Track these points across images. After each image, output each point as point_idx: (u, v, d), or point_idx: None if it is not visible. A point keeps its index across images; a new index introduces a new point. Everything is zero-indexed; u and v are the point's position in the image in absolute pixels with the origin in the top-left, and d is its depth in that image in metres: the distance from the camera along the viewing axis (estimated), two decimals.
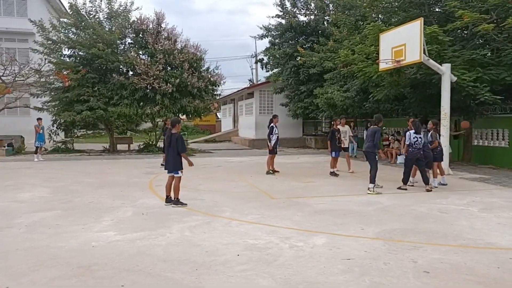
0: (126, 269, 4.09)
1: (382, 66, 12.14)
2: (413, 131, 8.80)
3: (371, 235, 5.31)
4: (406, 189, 8.79)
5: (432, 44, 11.52)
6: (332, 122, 12.62)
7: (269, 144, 11.60)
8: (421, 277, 3.89)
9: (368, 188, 8.47)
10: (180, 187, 7.25)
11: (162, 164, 13.60)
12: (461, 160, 14.40)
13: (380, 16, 16.57)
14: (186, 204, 7.13)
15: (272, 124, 11.59)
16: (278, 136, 11.78)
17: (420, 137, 8.76)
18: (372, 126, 8.85)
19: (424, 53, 10.87)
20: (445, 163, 11.38)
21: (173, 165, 7.13)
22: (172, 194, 7.24)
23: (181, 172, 7.18)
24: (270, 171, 11.59)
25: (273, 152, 11.68)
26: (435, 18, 13.88)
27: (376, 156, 8.58)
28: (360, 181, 10.11)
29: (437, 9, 14.78)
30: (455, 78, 11.36)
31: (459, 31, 13.64)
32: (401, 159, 14.59)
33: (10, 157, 17.51)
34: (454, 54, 11.88)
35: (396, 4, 15.17)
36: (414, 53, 10.79)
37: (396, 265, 4.20)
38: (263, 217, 6.31)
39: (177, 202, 7.18)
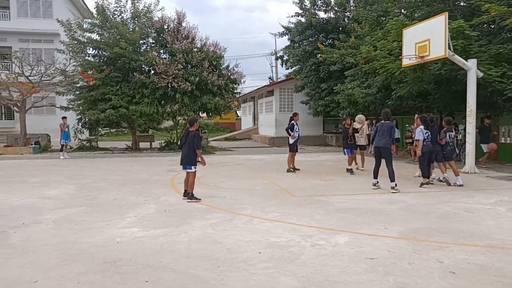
0: (150, 265, 4.15)
1: (405, 62, 11.92)
2: (423, 126, 8.92)
3: (395, 234, 5.22)
4: (432, 183, 8.93)
5: (457, 39, 11.23)
6: (343, 122, 12.56)
7: (290, 138, 11.56)
8: (447, 278, 3.80)
9: (392, 188, 8.25)
10: (201, 184, 7.33)
11: None
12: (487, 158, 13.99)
13: (402, 11, 16.25)
14: (200, 199, 7.36)
15: (292, 122, 11.55)
16: (299, 134, 11.74)
17: (428, 132, 8.98)
18: (384, 122, 8.59)
19: (449, 48, 10.61)
20: (471, 161, 11.10)
21: (188, 161, 7.42)
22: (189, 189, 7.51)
23: (195, 168, 7.45)
24: (291, 169, 11.55)
25: (293, 150, 11.64)
26: (460, 12, 13.52)
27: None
28: (381, 180, 9.96)
29: (462, 3, 14.38)
30: (481, 74, 11.05)
31: (485, 25, 13.24)
32: None
33: (37, 154, 18.05)
34: (480, 49, 11.55)
35: None
36: (438, 48, 10.55)
37: (421, 265, 4.12)
38: (284, 215, 6.30)
39: (191, 197, 7.43)
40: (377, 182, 8.67)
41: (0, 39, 27.51)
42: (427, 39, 10.96)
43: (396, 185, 8.28)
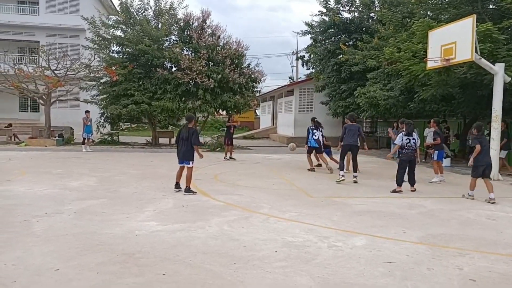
0: (167, 259, 4.21)
1: (430, 64, 11.69)
2: (404, 132, 8.87)
3: (414, 239, 5.14)
4: (401, 191, 8.48)
5: (484, 42, 10.93)
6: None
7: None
8: (467, 285, 3.72)
9: (354, 177, 9.68)
10: (219, 182, 7.38)
11: (225, 158, 14.42)
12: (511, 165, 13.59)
13: (428, 13, 15.92)
14: (195, 193, 7.78)
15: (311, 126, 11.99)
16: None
17: (413, 139, 8.71)
18: (351, 124, 10.13)
19: (476, 51, 10.35)
20: (494, 168, 10.81)
21: (187, 156, 7.80)
22: (184, 182, 7.80)
23: (192, 163, 7.84)
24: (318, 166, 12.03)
25: (320, 151, 11.93)
26: (488, 15, 13.16)
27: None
28: (388, 183, 9.81)
29: (491, 6, 14.00)
30: (509, 79, 10.75)
31: None
32: (446, 162, 14.01)
33: (60, 147, 18.50)
34: (509, 53, 11.21)
35: (446, 0, 14.51)
36: (465, 51, 10.31)
37: (440, 271, 4.04)
38: (301, 215, 6.28)
39: (188, 190, 7.76)
40: (344, 173, 9.70)
41: (29, 33, 28.33)
42: (453, 41, 10.72)
43: (356, 177, 9.68)
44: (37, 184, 8.42)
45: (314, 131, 11.76)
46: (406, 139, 8.68)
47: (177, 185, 8.00)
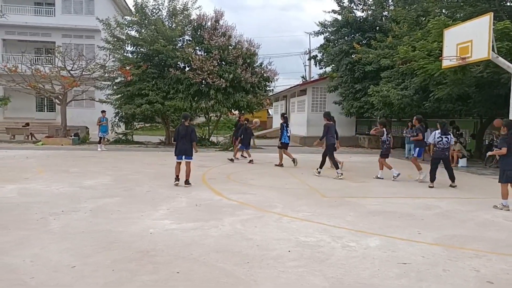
0: (181, 257, 4.24)
1: (446, 63, 11.53)
2: (438, 131, 9.10)
3: (430, 240, 5.07)
4: (432, 187, 9.04)
5: (502, 40, 10.74)
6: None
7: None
8: (484, 287, 3.67)
9: (318, 171, 10.59)
10: (232, 181, 7.43)
11: (230, 159, 13.81)
12: None
13: (444, 11, 15.70)
14: (191, 184, 8.48)
15: (281, 122, 12.20)
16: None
17: (446, 138, 9.00)
18: (330, 122, 10.67)
19: (493, 50, 10.16)
20: None
21: (190, 152, 8.59)
22: (184, 176, 8.53)
23: (191, 158, 8.62)
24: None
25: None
26: (505, 13, 12.91)
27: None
28: (417, 184, 9.71)
29: (508, 3, 13.75)
30: None
31: None
32: (462, 162, 13.80)
33: (76, 146, 18.79)
34: None
35: None
36: (481, 50, 10.14)
37: (456, 273, 3.98)
38: (314, 215, 6.26)
39: (188, 182, 8.50)
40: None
41: (45, 34, 28.84)
42: (469, 40, 10.55)
43: (319, 170, 10.54)
44: (54, 183, 8.57)
45: (287, 128, 12.20)
46: (438, 138, 8.95)
47: (177, 178, 8.60)
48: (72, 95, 20.79)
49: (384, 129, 10.50)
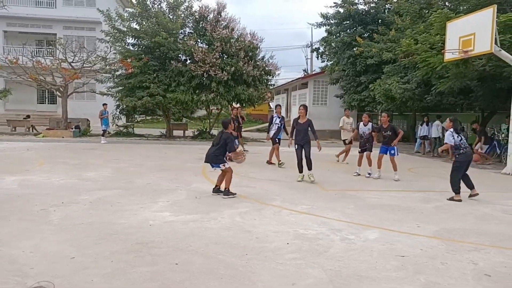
0: (180, 248, 4.25)
1: (448, 56, 11.45)
2: (451, 129, 7.32)
3: (428, 233, 5.07)
4: (460, 200, 7.10)
5: (505, 33, 10.66)
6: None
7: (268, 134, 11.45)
8: (482, 280, 3.67)
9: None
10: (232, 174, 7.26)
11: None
12: None
13: (447, 3, 15.57)
14: (235, 194, 6.93)
15: (273, 114, 11.44)
16: (279, 127, 11.34)
17: (462, 136, 7.37)
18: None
19: (496, 43, 10.09)
20: (510, 163, 10.57)
21: (214, 161, 6.99)
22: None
23: (223, 165, 6.99)
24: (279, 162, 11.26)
25: (274, 142, 11.32)
26: (509, 5, 12.79)
27: None
28: (418, 177, 9.71)
29: None
30: None
31: None
32: None
33: (76, 138, 18.81)
34: None
35: None
36: (484, 43, 10.06)
37: (454, 266, 3.99)
38: (313, 208, 6.26)
39: (227, 192, 6.95)
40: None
41: (46, 26, 28.71)
42: (472, 33, 10.47)
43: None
44: (54, 174, 8.59)
45: (278, 120, 11.33)
46: (458, 137, 7.20)
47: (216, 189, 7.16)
48: (73, 87, 20.75)
49: (367, 122, 10.19)
